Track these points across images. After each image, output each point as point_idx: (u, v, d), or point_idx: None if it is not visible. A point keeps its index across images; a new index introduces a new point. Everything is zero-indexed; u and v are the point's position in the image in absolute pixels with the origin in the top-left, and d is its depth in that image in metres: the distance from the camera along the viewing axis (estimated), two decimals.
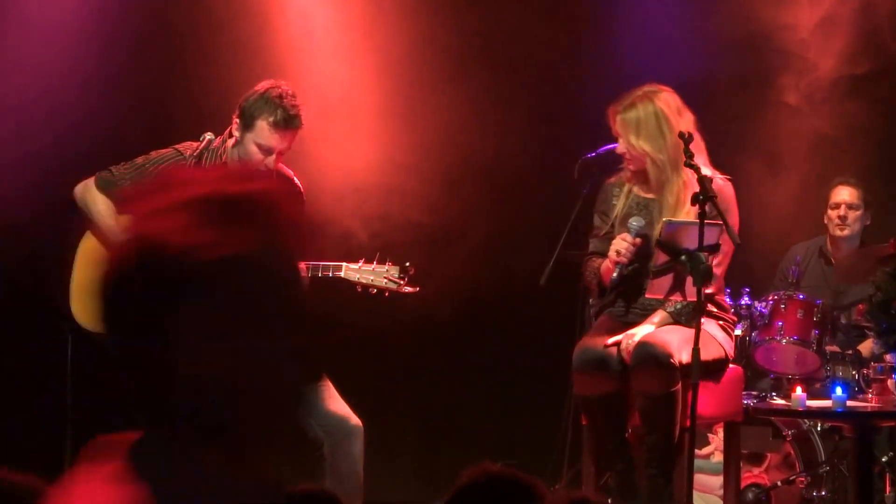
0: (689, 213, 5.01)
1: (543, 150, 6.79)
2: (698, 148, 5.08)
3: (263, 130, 4.98)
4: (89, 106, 6.65)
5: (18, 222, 6.30)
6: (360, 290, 5.04)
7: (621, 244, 5.03)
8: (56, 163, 6.48)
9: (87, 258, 5.22)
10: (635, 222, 5.05)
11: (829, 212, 6.76)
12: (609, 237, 5.21)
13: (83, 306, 5.18)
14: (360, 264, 5.03)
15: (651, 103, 5.07)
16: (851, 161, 7.01)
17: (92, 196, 5.21)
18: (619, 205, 5.23)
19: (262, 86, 5.07)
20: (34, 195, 6.22)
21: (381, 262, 5.03)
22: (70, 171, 6.21)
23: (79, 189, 5.24)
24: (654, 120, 5.05)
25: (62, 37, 6.65)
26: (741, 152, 6.81)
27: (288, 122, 4.98)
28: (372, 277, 5.01)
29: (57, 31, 6.65)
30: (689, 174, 5.03)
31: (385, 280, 5.01)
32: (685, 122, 5.08)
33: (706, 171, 5.07)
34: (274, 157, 5.03)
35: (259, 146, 5.00)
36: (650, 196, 5.19)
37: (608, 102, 5.43)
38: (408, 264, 5.03)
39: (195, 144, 5.28)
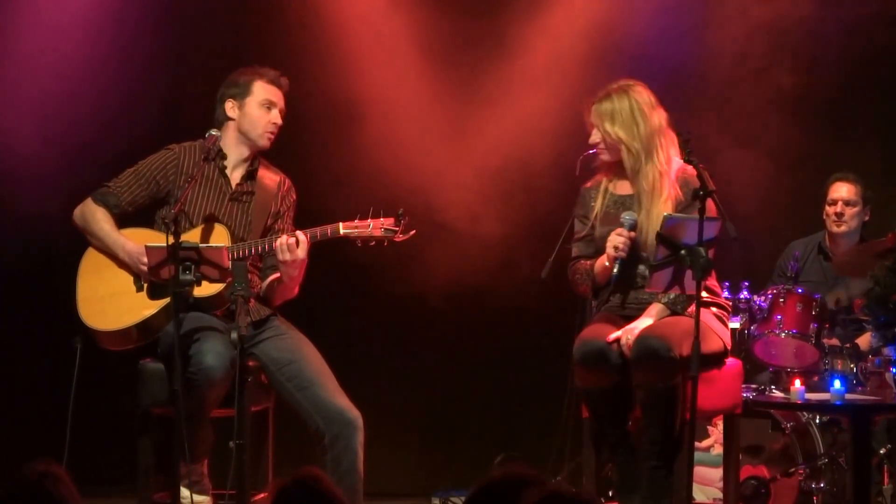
0: (666, 201, 5.09)
1: (548, 146, 6.81)
2: (672, 141, 5.18)
3: (262, 88, 5.38)
4: (106, 97, 6.73)
5: (41, 212, 6.37)
6: (360, 244, 5.19)
7: (618, 239, 5.08)
8: (77, 152, 6.55)
9: (90, 267, 5.31)
10: (628, 216, 5.12)
11: (827, 208, 6.76)
12: (590, 239, 5.28)
13: (91, 310, 5.24)
14: (355, 221, 5.17)
15: (626, 95, 5.18)
16: (851, 156, 7.03)
17: (91, 210, 5.32)
18: (598, 205, 5.29)
19: (234, 73, 5.46)
20: (56, 186, 6.28)
21: (375, 215, 5.16)
22: (90, 160, 6.30)
23: (77, 211, 5.38)
24: (628, 110, 5.16)
25: (77, 27, 6.72)
26: (740, 147, 6.84)
27: (278, 78, 5.42)
28: (369, 231, 5.14)
29: (71, 22, 6.71)
30: (663, 164, 5.14)
31: (382, 230, 5.16)
32: (658, 115, 5.19)
33: (676, 161, 5.18)
34: (278, 111, 5.39)
35: (262, 103, 5.36)
36: (627, 193, 5.25)
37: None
38: (401, 211, 5.17)
39: (186, 144, 5.39)
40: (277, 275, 5.28)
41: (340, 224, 5.17)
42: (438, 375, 7.09)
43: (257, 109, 5.36)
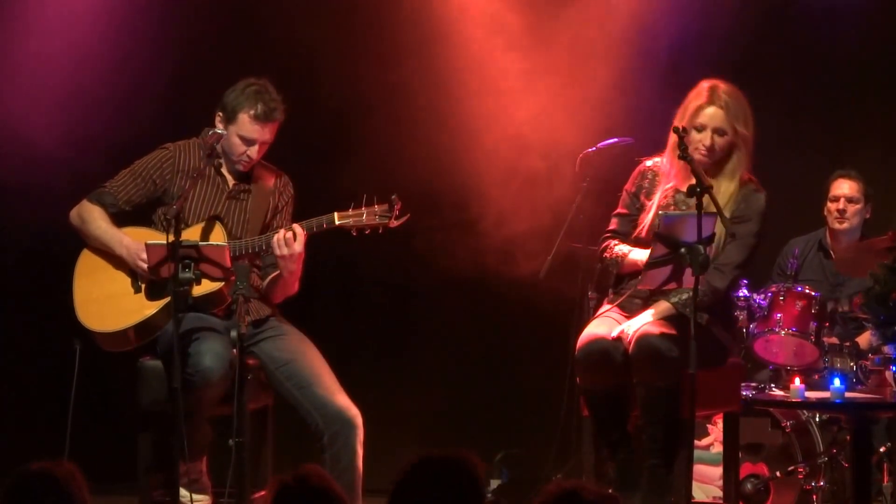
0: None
1: (549, 143, 6.81)
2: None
3: (245, 123, 5.26)
4: (112, 90, 6.74)
5: (45, 211, 6.38)
6: (355, 233, 5.18)
7: None
8: (83, 149, 6.56)
9: (86, 269, 5.30)
10: None
11: (829, 205, 6.76)
12: (631, 218, 5.24)
13: (89, 312, 5.24)
14: (349, 210, 5.16)
15: (742, 96, 5.16)
16: (853, 153, 7.03)
17: (87, 209, 5.33)
18: (658, 191, 5.22)
19: (241, 82, 5.33)
20: (64, 181, 6.28)
21: (369, 203, 5.15)
22: (96, 157, 6.30)
23: (73, 211, 5.39)
24: (749, 112, 5.15)
25: (85, 21, 6.73)
26: None
27: (268, 115, 5.26)
28: (364, 219, 5.14)
29: (80, 16, 6.72)
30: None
31: (376, 218, 5.15)
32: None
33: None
34: (256, 147, 5.29)
35: (242, 138, 5.27)
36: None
37: (615, 97, 5.46)
38: (394, 197, 5.15)
39: (181, 142, 5.38)
40: (277, 272, 5.28)
41: (335, 214, 5.18)
42: (437, 373, 7.09)
43: (235, 139, 5.28)
